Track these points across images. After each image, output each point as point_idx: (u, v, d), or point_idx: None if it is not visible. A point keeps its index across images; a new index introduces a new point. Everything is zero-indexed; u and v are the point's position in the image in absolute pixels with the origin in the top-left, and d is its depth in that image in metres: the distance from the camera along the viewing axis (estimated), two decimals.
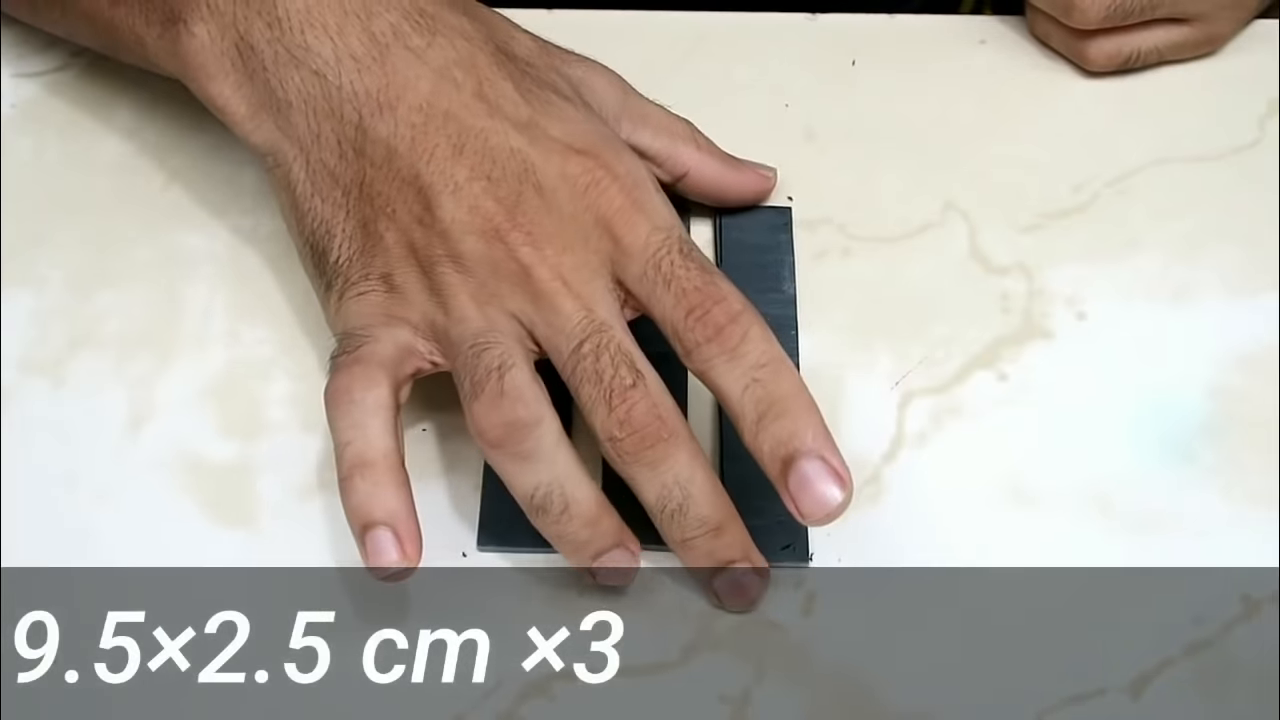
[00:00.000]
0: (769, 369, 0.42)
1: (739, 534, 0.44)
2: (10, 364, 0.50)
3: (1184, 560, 0.46)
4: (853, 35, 0.58)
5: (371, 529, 0.42)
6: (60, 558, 0.46)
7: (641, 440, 0.42)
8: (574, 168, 0.44)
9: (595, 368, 0.42)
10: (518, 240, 0.43)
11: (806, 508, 0.41)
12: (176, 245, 0.53)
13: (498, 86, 0.45)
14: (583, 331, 0.43)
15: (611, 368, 0.42)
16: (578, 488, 0.43)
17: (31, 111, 0.56)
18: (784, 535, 0.46)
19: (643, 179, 0.44)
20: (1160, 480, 0.47)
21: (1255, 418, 0.49)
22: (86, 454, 0.48)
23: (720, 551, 0.44)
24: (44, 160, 0.55)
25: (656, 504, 0.43)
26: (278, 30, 0.45)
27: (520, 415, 0.42)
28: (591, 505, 0.43)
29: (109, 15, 0.49)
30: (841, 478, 0.41)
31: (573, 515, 0.43)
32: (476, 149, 0.44)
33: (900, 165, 0.55)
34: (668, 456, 0.42)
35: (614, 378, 0.42)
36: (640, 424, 0.42)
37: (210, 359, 0.50)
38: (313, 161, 0.45)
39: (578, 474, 0.43)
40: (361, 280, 0.45)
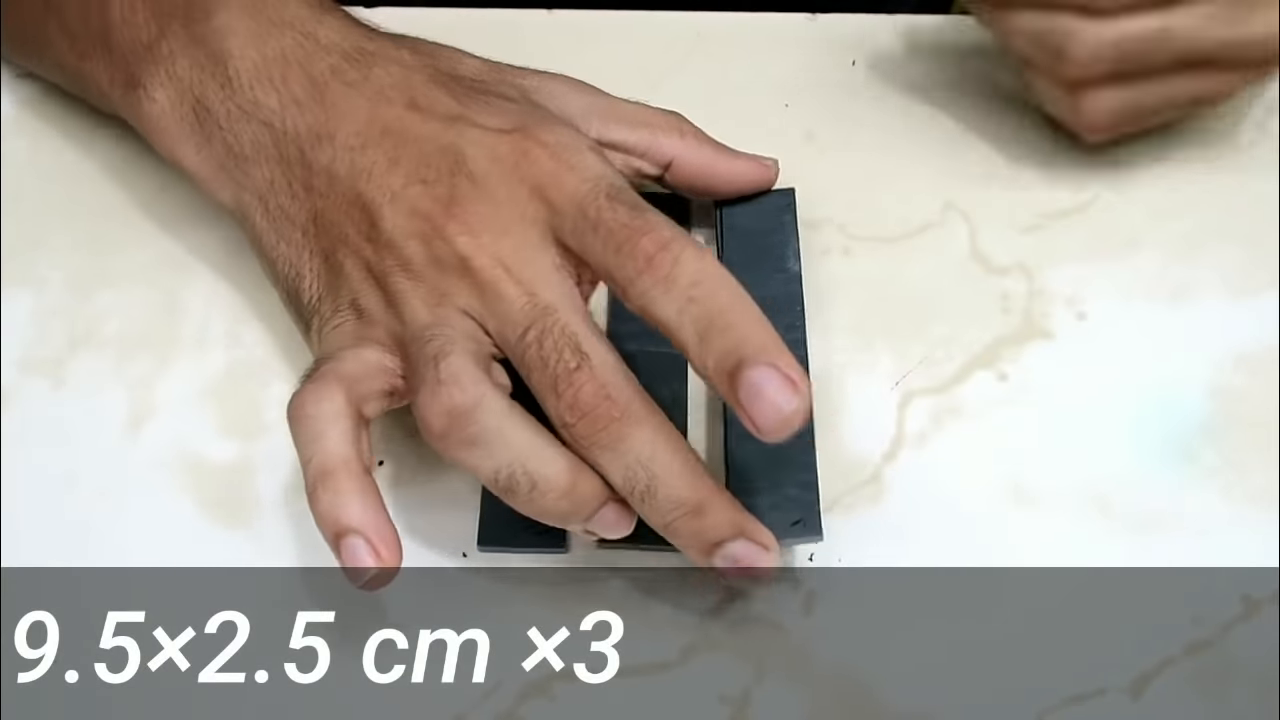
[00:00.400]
0: (704, 285, 0.40)
1: (725, 511, 0.41)
2: (10, 364, 0.50)
3: (1184, 560, 0.46)
4: (853, 35, 0.58)
5: (343, 537, 0.41)
6: (60, 558, 0.46)
7: (593, 423, 0.40)
8: (503, 148, 0.43)
9: (540, 354, 0.41)
10: (455, 232, 0.43)
11: (761, 419, 0.39)
12: (176, 246, 0.53)
13: (430, 95, 0.45)
14: (526, 318, 0.42)
15: (555, 352, 0.41)
16: (541, 462, 0.41)
17: (31, 111, 0.56)
18: (794, 511, 0.45)
19: (572, 143, 0.44)
20: (1160, 480, 0.47)
21: (1255, 418, 0.49)
22: (86, 454, 0.48)
23: (708, 532, 0.41)
24: (44, 161, 0.55)
25: (625, 487, 0.41)
26: (229, 89, 0.47)
27: (457, 399, 0.40)
28: (561, 475, 0.41)
29: (76, 67, 0.51)
30: (794, 382, 0.39)
31: (544, 490, 0.41)
32: (411, 156, 0.44)
33: (900, 165, 0.55)
34: (625, 437, 0.41)
35: (558, 362, 0.41)
36: (588, 406, 0.40)
37: (210, 359, 0.50)
38: (271, 208, 0.46)
39: (538, 446, 0.41)
40: (334, 314, 0.45)
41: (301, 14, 0.47)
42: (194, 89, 0.47)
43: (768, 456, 0.41)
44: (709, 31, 0.58)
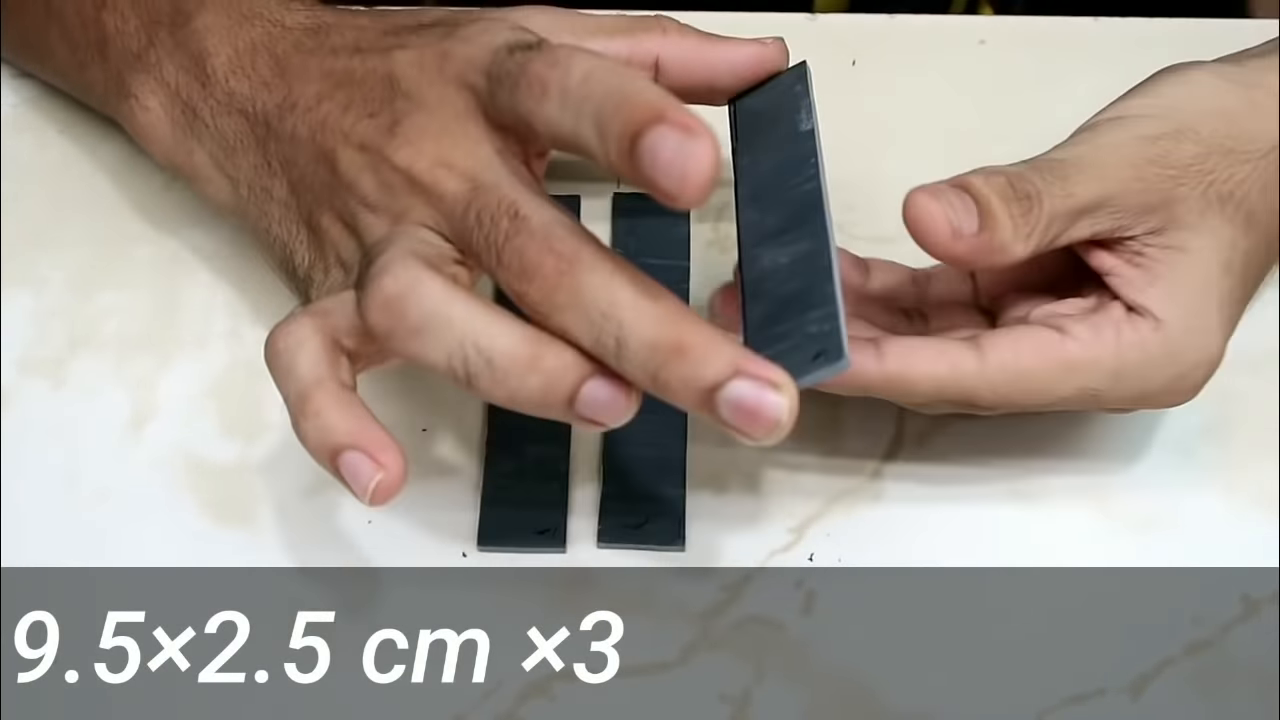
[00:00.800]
0: (590, 81, 0.38)
1: (712, 346, 0.37)
2: (10, 364, 0.50)
3: (1184, 560, 0.46)
4: (853, 35, 0.58)
5: (337, 457, 0.39)
6: (60, 558, 0.46)
7: (544, 283, 0.38)
8: (427, 57, 0.43)
9: (483, 235, 0.39)
10: (396, 149, 0.42)
11: (666, 183, 0.36)
12: (177, 245, 0.53)
13: (373, 37, 0.45)
14: (466, 204, 0.40)
15: (492, 224, 0.39)
16: (493, 337, 0.38)
17: (31, 111, 0.56)
18: (812, 346, 0.39)
19: (487, 26, 0.43)
20: (1160, 480, 0.47)
21: (1255, 418, 0.49)
22: (87, 454, 0.48)
23: (699, 375, 0.37)
24: (44, 160, 0.55)
25: (596, 347, 0.38)
26: (209, 87, 0.47)
27: (389, 288, 0.38)
28: (519, 346, 0.38)
29: (78, 77, 0.52)
30: (690, 129, 0.36)
31: (504, 368, 0.38)
32: (357, 97, 0.44)
33: (900, 165, 0.55)
34: (579, 288, 0.38)
35: (494, 233, 0.39)
36: (534, 266, 0.38)
37: (211, 359, 0.50)
38: (259, 194, 0.46)
39: (487, 321, 0.38)
40: (325, 277, 0.44)
41: (271, 4, 0.48)
42: (181, 92, 0.47)
43: (784, 301, 0.39)
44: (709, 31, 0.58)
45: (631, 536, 0.46)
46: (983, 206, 0.42)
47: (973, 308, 0.47)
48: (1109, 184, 0.43)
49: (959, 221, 0.42)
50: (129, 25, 0.49)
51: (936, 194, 0.42)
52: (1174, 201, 0.43)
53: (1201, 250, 0.44)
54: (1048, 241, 0.43)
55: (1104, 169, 0.43)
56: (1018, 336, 0.43)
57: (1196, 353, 0.44)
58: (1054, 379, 0.43)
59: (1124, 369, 0.43)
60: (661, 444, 0.48)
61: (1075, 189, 0.43)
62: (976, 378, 0.43)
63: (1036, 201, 0.43)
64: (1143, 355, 0.43)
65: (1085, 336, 0.43)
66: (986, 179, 0.43)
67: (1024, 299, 0.46)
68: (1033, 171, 0.43)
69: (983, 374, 0.43)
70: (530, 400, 0.38)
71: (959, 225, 0.42)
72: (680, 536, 0.46)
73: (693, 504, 0.47)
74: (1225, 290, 0.44)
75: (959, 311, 0.47)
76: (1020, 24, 0.59)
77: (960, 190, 0.43)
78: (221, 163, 0.47)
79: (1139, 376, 0.43)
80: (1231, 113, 0.45)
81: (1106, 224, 0.44)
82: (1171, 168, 0.44)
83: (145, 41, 0.48)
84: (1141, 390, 0.44)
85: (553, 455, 0.48)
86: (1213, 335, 0.44)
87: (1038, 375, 0.43)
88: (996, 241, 0.42)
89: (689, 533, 0.46)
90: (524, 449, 0.48)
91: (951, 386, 0.43)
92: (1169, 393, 0.44)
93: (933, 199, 0.42)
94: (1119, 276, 0.44)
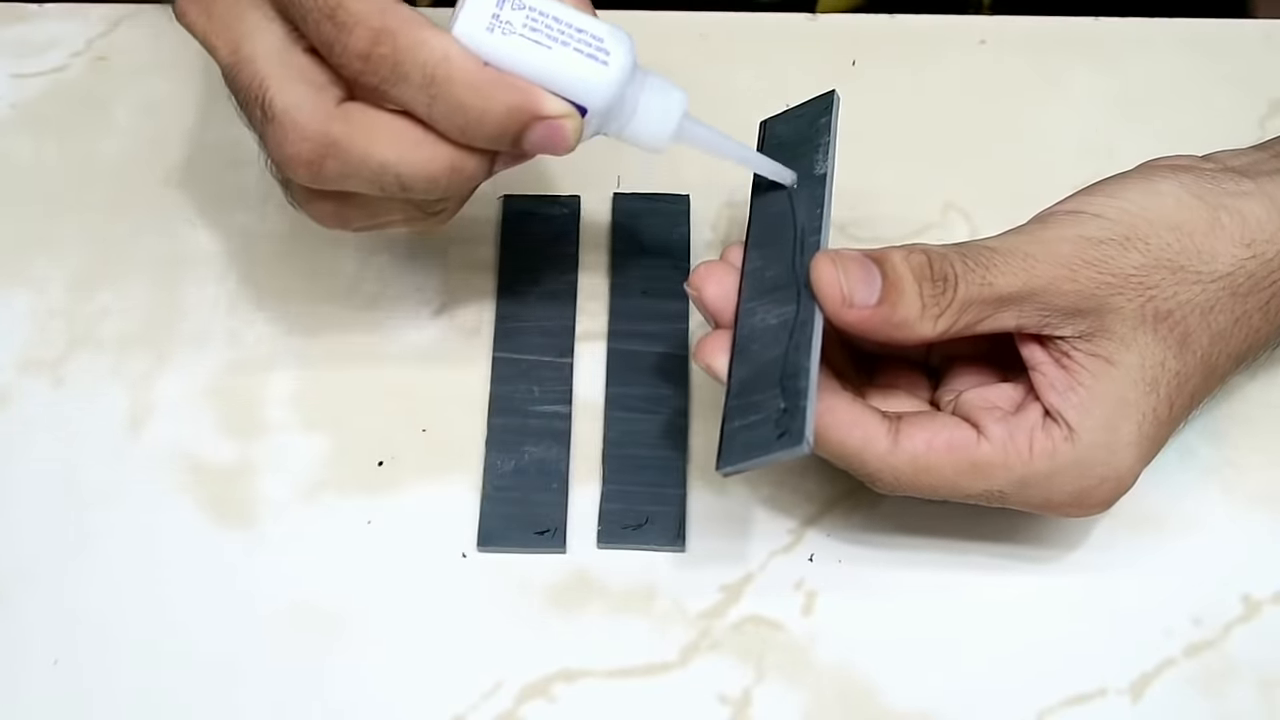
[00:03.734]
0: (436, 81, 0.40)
1: (503, 97, 0.41)
2: (10, 364, 0.50)
3: (1184, 560, 0.46)
4: (853, 35, 0.58)
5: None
6: (60, 558, 0.46)
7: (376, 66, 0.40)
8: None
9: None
10: None
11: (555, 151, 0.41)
12: (176, 245, 0.53)
13: None
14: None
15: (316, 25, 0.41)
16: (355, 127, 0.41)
17: (31, 111, 0.56)
18: (779, 424, 0.41)
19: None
20: (1160, 480, 0.47)
21: (1255, 418, 0.49)
22: (86, 454, 0.48)
23: (501, 131, 0.41)
24: (44, 160, 0.55)
25: (427, 115, 0.41)
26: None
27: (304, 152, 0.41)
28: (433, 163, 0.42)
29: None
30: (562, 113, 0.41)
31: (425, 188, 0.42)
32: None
33: (900, 165, 0.55)
34: (399, 61, 0.40)
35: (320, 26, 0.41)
36: (364, 50, 0.40)
37: (210, 359, 0.50)
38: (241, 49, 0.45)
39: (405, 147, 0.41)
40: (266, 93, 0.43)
41: None
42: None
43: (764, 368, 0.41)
44: (709, 31, 0.58)
45: (631, 537, 0.46)
46: (890, 281, 0.42)
47: (919, 367, 0.47)
48: (1034, 279, 0.42)
49: (851, 290, 0.42)
50: None
51: (836, 260, 0.42)
52: (1107, 310, 0.43)
53: (1127, 365, 0.43)
54: (963, 325, 0.43)
55: (1034, 263, 0.43)
56: (935, 429, 0.43)
57: (1103, 468, 0.43)
58: (960, 477, 0.43)
59: (1031, 477, 0.43)
60: (661, 445, 0.48)
61: (996, 279, 0.42)
62: (881, 460, 0.43)
63: (952, 285, 0.42)
64: (1050, 465, 0.43)
65: (999, 439, 0.43)
66: (907, 255, 0.43)
67: (969, 371, 0.46)
68: (957, 254, 0.43)
69: (889, 459, 0.43)
70: (469, 139, 0.41)
71: (850, 294, 0.42)
72: (680, 537, 0.46)
73: (693, 504, 0.47)
74: (1146, 409, 0.43)
75: (906, 368, 0.47)
76: (1020, 24, 0.59)
77: (867, 262, 0.42)
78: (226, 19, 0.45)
79: (1045, 486, 0.43)
80: (1189, 229, 0.44)
81: (1033, 319, 0.43)
82: (1111, 274, 0.43)
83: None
84: (1046, 499, 0.43)
85: (553, 455, 0.48)
86: (1123, 453, 0.43)
87: (944, 471, 0.43)
88: (898, 316, 0.42)
89: (689, 533, 0.46)
90: (524, 449, 0.48)
91: (855, 459, 0.43)
92: (1075, 505, 0.43)
93: (830, 265, 0.42)
94: (1043, 375, 0.43)
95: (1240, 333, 0.44)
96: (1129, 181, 0.45)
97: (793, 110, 0.49)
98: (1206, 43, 0.59)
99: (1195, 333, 0.43)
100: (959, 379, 0.46)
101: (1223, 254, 0.44)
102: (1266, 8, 0.67)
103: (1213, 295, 0.43)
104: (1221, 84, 0.57)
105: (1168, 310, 0.43)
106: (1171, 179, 0.45)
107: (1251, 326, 0.44)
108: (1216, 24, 0.59)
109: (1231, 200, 0.44)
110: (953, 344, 0.46)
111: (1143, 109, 0.56)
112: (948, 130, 0.56)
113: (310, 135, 0.41)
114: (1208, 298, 0.43)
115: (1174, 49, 0.59)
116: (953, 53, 0.58)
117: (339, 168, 0.41)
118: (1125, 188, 0.45)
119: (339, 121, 0.41)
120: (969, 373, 0.45)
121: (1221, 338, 0.44)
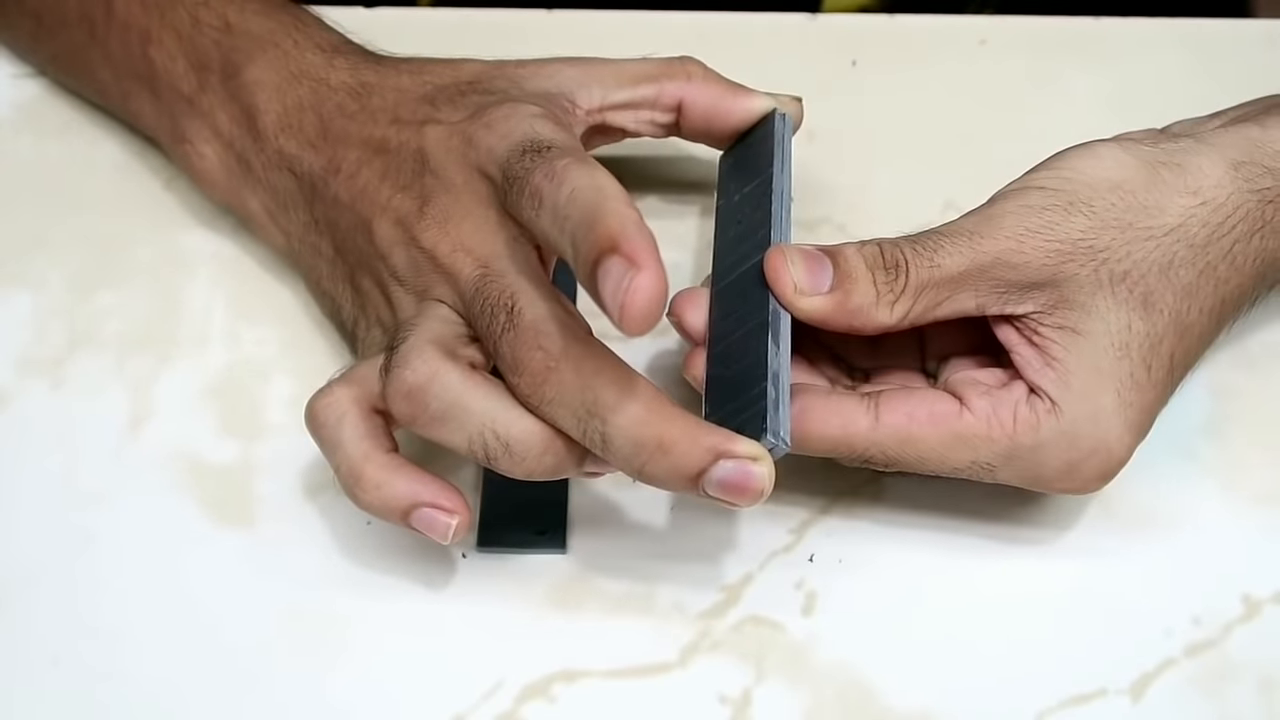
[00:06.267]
0: (576, 196, 0.39)
1: (692, 438, 0.39)
2: (10, 364, 0.50)
3: (1184, 560, 0.46)
4: (853, 35, 0.58)
5: (409, 516, 0.42)
6: (60, 558, 0.46)
7: (532, 378, 0.40)
8: (455, 139, 0.45)
9: (484, 324, 0.42)
10: (424, 229, 0.44)
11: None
12: (177, 245, 0.53)
13: (413, 108, 0.47)
14: (476, 289, 0.42)
15: (492, 315, 0.41)
16: (509, 424, 0.41)
17: (31, 111, 0.56)
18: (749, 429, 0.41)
19: (511, 113, 0.44)
20: (1161, 479, 0.47)
21: (1255, 417, 0.49)
22: (86, 454, 0.48)
23: (683, 467, 0.39)
24: (44, 160, 0.55)
25: (584, 440, 0.40)
26: (260, 142, 0.49)
27: (408, 379, 0.41)
28: (533, 432, 0.41)
29: (121, 104, 0.53)
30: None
31: (521, 451, 0.41)
32: (394, 166, 0.46)
33: (900, 165, 0.55)
34: (563, 384, 0.40)
35: (495, 325, 0.41)
36: (524, 361, 0.40)
37: (210, 359, 0.50)
38: (309, 248, 0.48)
39: (503, 408, 0.41)
40: (367, 333, 0.46)
41: (316, 61, 0.49)
42: (234, 144, 0.49)
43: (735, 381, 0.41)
44: (709, 31, 0.58)
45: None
46: (842, 271, 0.43)
47: (918, 371, 0.47)
48: (981, 255, 0.43)
49: (800, 279, 0.42)
50: (177, 66, 0.50)
51: (785, 252, 0.43)
52: (1063, 280, 0.43)
53: (1094, 334, 0.42)
54: (921, 310, 0.43)
55: (979, 240, 0.43)
56: (915, 402, 0.43)
57: (1090, 440, 0.42)
58: (945, 449, 0.43)
59: (1016, 450, 0.43)
60: None
61: (943, 260, 0.43)
62: (867, 439, 0.43)
63: (904, 271, 0.43)
64: (1035, 438, 0.42)
65: (982, 411, 0.43)
66: (860, 247, 0.44)
67: (964, 366, 0.46)
68: (908, 242, 0.44)
69: (873, 435, 0.43)
70: (546, 473, 0.41)
71: (799, 282, 0.42)
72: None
73: (693, 504, 0.47)
74: (1123, 375, 0.42)
75: (901, 374, 0.46)
76: (1020, 24, 0.59)
77: (817, 253, 0.43)
78: (274, 214, 0.49)
79: (1032, 459, 0.43)
80: (1130, 187, 0.44)
81: (991, 298, 0.43)
82: (1058, 240, 0.43)
83: (196, 85, 0.50)
84: (1035, 474, 0.43)
85: None
86: (1108, 422, 0.42)
87: (929, 443, 0.43)
88: (852, 303, 0.43)
89: (689, 532, 0.46)
90: None
91: (844, 446, 0.43)
92: (1066, 479, 0.43)
93: (779, 256, 0.43)
94: (1019, 355, 0.43)
95: (1208, 285, 0.44)
96: (1071, 152, 0.45)
97: (747, 134, 0.49)
98: (1206, 43, 0.59)
99: (1157, 291, 0.43)
100: (954, 373, 0.46)
101: (1169, 206, 0.43)
102: (1266, 8, 0.67)
103: (1168, 250, 0.43)
104: (1221, 84, 0.57)
105: (1124, 271, 0.43)
106: (1111, 144, 0.45)
107: (1219, 278, 0.44)
108: (1216, 24, 0.60)
109: (1168, 156, 0.44)
110: (945, 342, 0.46)
111: (1142, 109, 0.56)
112: (947, 130, 0.56)
113: None
114: (1163, 253, 0.43)
115: (1174, 49, 0.59)
116: (952, 53, 0.58)
117: None
118: (1066, 157, 0.45)
119: None
120: (964, 370, 0.46)
121: (1189, 294, 0.43)
